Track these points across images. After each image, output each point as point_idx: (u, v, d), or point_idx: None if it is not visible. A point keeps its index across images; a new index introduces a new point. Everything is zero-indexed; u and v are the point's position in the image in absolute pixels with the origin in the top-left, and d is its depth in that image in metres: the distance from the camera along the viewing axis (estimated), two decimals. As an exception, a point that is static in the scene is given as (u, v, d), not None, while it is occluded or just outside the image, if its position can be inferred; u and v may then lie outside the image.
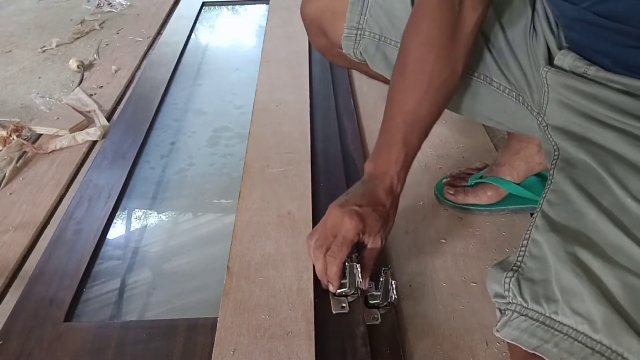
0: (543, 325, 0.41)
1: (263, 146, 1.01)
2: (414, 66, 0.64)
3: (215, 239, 0.96)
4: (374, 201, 0.65)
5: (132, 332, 0.71)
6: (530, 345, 0.41)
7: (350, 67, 0.89)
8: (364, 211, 0.63)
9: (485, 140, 1.11)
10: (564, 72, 0.58)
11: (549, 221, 0.47)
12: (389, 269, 0.70)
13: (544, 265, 0.44)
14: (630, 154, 0.47)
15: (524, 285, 0.43)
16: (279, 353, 0.63)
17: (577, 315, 0.40)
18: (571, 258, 0.42)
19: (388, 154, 0.66)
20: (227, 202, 1.02)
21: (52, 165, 1.11)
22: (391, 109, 0.67)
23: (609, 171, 0.47)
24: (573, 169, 0.51)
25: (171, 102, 1.34)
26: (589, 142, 0.52)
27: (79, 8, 2.08)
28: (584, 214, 0.45)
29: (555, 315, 0.41)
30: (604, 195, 0.46)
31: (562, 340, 0.40)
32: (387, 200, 0.66)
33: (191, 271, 0.88)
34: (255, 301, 0.69)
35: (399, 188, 0.67)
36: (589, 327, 0.39)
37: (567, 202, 0.47)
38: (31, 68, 1.63)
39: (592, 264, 0.41)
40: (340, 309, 0.70)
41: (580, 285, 0.40)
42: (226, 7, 2.00)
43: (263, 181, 0.91)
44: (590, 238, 0.43)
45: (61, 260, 0.83)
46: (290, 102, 1.17)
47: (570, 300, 0.40)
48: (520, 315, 0.42)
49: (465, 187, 0.92)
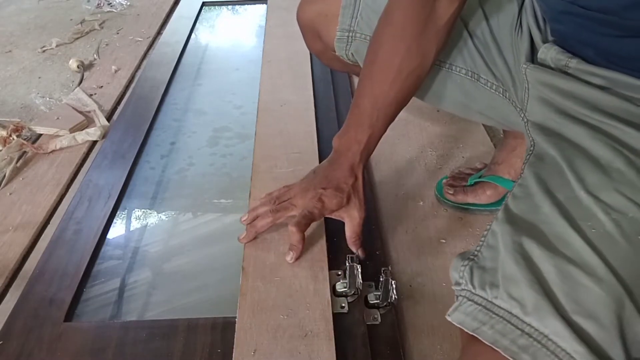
0: (484, 309, 0.44)
1: (270, 146, 1.01)
2: (384, 56, 0.68)
3: (216, 239, 0.96)
4: (337, 182, 0.71)
5: (132, 332, 0.71)
6: (470, 327, 0.44)
7: (345, 70, 0.91)
8: (328, 193, 0.71)
9: (485, 140, 1.11)
10: (542, 69, 0.58)
11: (508, 213, 0.49)
12: (389, 269, 0.70)
13: (495, 255, 0.46)
14: (595, 149, 0.49)
15: (476, 273, 0.46)
16: (299, 353, 0.63)
17: (512, 299, 0.42)
18: (516, 247, 0.45)
19: (354, 133, 0.71)
20: (227, 202, 1.02)
21: (52, 165, 1.11)
22: (360, 93, 0.71)
23: (570, 165, 0.49)
24: (541, 164, 0.52)
25: (171, 102, 1.34)
26: (560, 138, 0.53)
27: (79, 8, 2.08)
28: (539, 207, 0.47)
29: (495, 300, 0.43)
30: (561, 188, 0.48)
31: (498, 322, 0.43)
32: (350, 178, 0.72)
33: (191, 271, 0.88)
34: (272, 302, 0.69)
35: (360, 166, 0.73)
36: (520, 311, 0.42)
37: (527, 195, 0.50)
38: (31, 68, 1.63)
39: (534, 252, 0.44)
40: (340, 309, 0.70)
41: (518, 272, 0.43)
42: (226, 7, 2.00)
43: (272, 181, 0.91)
44: (539, 229, 0.46)
45: (61, 260, 0.83)
46: (294, 102, 1.17)
47: (508, 286, 0.43)
48: (468, 301, 0.45)
49: (465, 186, 0.92)
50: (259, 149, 1.01)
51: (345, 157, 0.72)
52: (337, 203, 0.71)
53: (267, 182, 0.91)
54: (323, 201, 0.71)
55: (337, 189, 0.71)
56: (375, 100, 0.69)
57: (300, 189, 0.74)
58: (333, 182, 0.72)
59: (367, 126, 0.70)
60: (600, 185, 0.46)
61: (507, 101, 0.70)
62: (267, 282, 0.72)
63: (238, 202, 1.01)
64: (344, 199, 0.71)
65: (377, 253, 0.81)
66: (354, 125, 0.72)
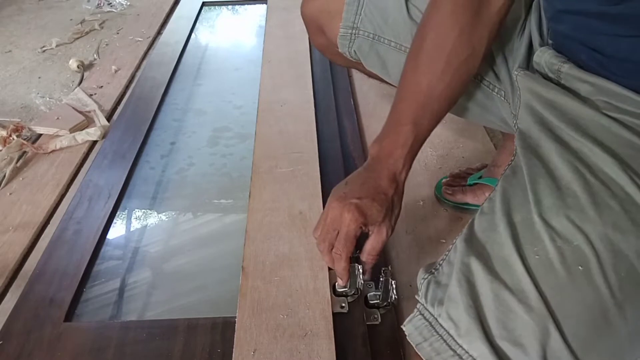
0: (430, 325, 0.46)
1: (270, 146, 1.01)
2: (432, 44, 0.60)
3: (216, 239, 0.96)
4: (374, 190, 0.61)
5: (132, 332, 0.71)
6: (415, 342, 0.47)
7: (349, 66, 0.90)
8: (364, 203, 0.60)
9: (485, 140, 1.11)
10: (531, 76, 0.58)
11: (470, 230, 0.50)
12: (389, 269, 0.70)
13: (451, 271, 0.48)
14: (560, 168, 0.49)
15: (431, 287, 0.48)
16: (299, 352, 0.63)
17: (450, 320, 0.45)
18: (463, 268, 0.46)
19: (396, 135, 0.62)
20: (227, 202, 1.02)
21: (52, 165, 1.11)
22: (403, 89, 0.62)
23: (533, 185, 0.49)
24: (512, 179, 0.52)
25: (171, 102, 1.34)
26: (534, 152, 0.52)
27: (79, 8, 2.08)
28: (497, 226, 0.48)
29: (439, 318, 0.46)
30: (520, 209, 0.48)
31: (436, 340, 0.45)
32: (390, 188, 0.61)
33: (191, 271, 0.88)
34: (272, 301, 0.69)
35: (403, 174, 0.62)
36: (455, 332, 0.44)
37: (491, 212, 0.50)
38: (31, 68, 1.63)
39: (478, 275, 0.45)
40: (340, 309, 0.70)
41: (459, 294, 0.45)
42: (226, 7, 2.00)
43: (273, 181, 0.91)
44: (488, 251, 0.47)
45: (61, 260, 0.83)
46: (294, 102, 1.17)
47: (449, 306, 0.45)
48: (419, 314, 0.48)
49: (464, 186, 0.92)
50: (259, 148, 1.01)
51: (386, 163, 0.62)
52: (376, 215, 0.61)
53: (267, 182, 0.91)
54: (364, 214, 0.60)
55: (375, 200, 0.60)
56: (421, 95, 0.60)
57: (331, 209, 0.62)
58: (370, 192, 0.61)
59: (412, 126, 0.61)
60: (553, 209, 0.46)
61: (507, 105, 0.68)
62: (267, 282, 0.72)
63: (238, 202, 1.01)
64: (382, 212, 0.61)
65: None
66: (395, 126, 0.62)
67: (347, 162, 1.01)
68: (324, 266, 0.74)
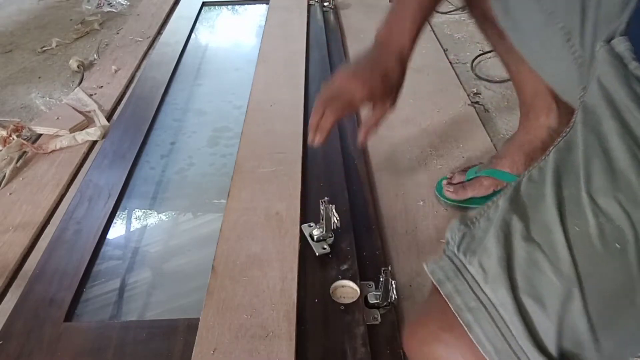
0: (457, 269, 0.47)
1: (255, 146, 1.01)
2: None
3: (215, 239, 0.95)
4: (381, 66, 0.64)
5: (132, 332, 0.71)
6: (436, 277, 0.47)
7: None
8: (372, 78, 0.64)
9: (485, 140, 1.11)
10: (613, 54, 0.54)
11: (515, 192, 0.50)
12: (389, 269, 0.70)
13: (488, 227, 0.48)
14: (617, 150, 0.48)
15: (466, 239, 0.48)
16: (259, 353, 0.63)
17: (480, 267, 0.45)
18: (503, 225, 0.47)
19: (403, 12, 0.65)
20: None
21: (52, 165, 1.11)
22: None
23: (586, 166, 0.49)
24: (566, 154, 0.52)
25: (171, 102, 1.34)
26: (594, 130, 0.52)
27: (79, 8, 2.08)
28: (544, 195, 0.48)
29: (468, 265, 0.46)
30: (570, 185, 0.48)
31: (461, 283, 0.46)
32: (396, 66, 0.65)
33: (191, 271, 0.88)
34: (238, 301, 0.69)
35: (410, 53, 0.65)
36: (482, 278, 0.45)
37: (542, 181, 0.50)
38: (31, 68, 1.63)
39: (516, 234, 0.46)
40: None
41: (495, 247, 0.45)
42: (226, 7, 2.00)
43: (253, 181, 0.90)
44: (531, 214, 0.48)
45: (61, 260, 0.83)
46: (284, 102, 1.17)
47: (482, 256, 0.46)
48: (447, 258, 0.48)
49: (464, 182, 0.92)
50: (244, 148, 1.01)
51: (392, 45, 0.65)
52: (382, 91, 0.64)
53: (248, 182, 0.90)
54: (370, 87, 0.64)
55: (382, 76, 0.64)
56: None
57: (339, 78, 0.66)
58: (377, 69, 0.64)
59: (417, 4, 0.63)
60: (603, 190, 0.46)
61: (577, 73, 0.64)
62: (235, 281, 0.72)
63: (238, 202, 1.01)
64: (387, 89, 0.65)
65: (377, 253, 0.81)
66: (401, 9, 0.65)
67: (347, 162, 1.01)
68: (293, 268, 0.74)
